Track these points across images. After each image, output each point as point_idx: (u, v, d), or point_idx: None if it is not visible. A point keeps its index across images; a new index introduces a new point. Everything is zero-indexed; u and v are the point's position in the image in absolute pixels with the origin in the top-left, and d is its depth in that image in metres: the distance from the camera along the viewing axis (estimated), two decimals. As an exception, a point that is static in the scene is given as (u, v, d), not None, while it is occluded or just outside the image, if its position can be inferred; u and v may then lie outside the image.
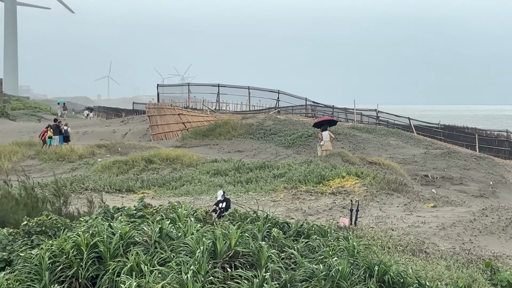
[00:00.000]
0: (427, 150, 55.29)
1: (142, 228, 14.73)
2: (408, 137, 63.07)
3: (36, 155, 49.55)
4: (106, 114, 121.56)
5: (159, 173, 41.24)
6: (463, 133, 79.76)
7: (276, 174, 37.96)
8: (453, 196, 38.02)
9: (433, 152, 53.68)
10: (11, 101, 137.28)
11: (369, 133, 61.09)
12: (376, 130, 64.07)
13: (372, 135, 59.80)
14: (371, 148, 53.95)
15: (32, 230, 16.78)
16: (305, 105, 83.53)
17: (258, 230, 15.26)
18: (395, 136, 62.08)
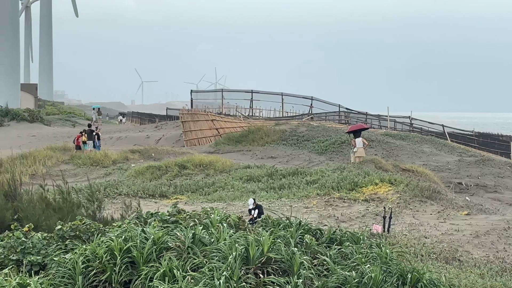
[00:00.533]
0: (461, 157, 55.03)
1: (175, 234, 14.76)
2: (442, 145, 62.79)
3: (71, 160, 49.77)
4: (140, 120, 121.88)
5: (192, 179, 41.27)
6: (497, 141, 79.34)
7: (309, 180, 37.89)
8: (487, 204, 37.79)
9: (467, 160, 53.41)
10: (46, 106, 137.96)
11: (402, 140, 60.87)
12: (409, 137, 63.82)
13: (406, 142, 59.57)
14: (404, 155, 53.75)
15: (66, 235, 16.86)
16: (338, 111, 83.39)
17: (291, 236, 15.26)
18: (429, 143, 61.82)
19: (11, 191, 21.35)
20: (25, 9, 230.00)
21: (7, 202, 20.24)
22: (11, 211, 19.65)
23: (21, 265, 15.41)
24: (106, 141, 60.95)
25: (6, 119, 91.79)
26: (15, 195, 21.15)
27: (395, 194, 34.54)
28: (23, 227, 17.65)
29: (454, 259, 22.75)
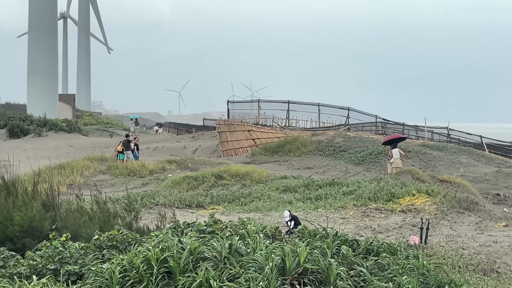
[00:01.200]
0: (499, 168, 54.71)
1: (212, 244, 14.79)
2: (479, 155, 62.50)
3: (108, 170, 50.02)
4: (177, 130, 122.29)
5: (229, 189, 41.34)
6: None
7: (346, 191, 37.83)
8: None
9: (505, 171, 53.08)
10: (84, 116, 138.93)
11: (440, 151, 60.63)
12: (447, 148, 63.58)
13: (443, 153, 59.33)
14: (442, 166, 53.54)
15: (103, 245, 16.94)
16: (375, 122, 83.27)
17: (328, 247, 15.24)
18: (466, 154, 61.54)
19: (49, 201, 21.49)
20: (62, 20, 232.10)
21: (45, 212, 20.37)
22: (49, 220, 19.78)
23: (58, 274, 15.50)
24: (143, 151, 61.17)
25: (45, 129, 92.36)
26: (53, 205, 21.29)
27: (433, 205, 34.41)
28: (61, 236, 17.77)
29: (492, 271, 22.63)
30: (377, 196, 35.73)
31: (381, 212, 33.37)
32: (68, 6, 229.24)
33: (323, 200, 36.47)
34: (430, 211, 33.31)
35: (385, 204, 34.55)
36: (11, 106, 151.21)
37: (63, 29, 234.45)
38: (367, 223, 31.09)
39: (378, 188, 37.19)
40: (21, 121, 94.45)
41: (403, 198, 35.46)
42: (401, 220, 31.64)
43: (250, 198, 38.14)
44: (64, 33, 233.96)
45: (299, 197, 37.80)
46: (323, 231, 17.97)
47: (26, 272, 15.80)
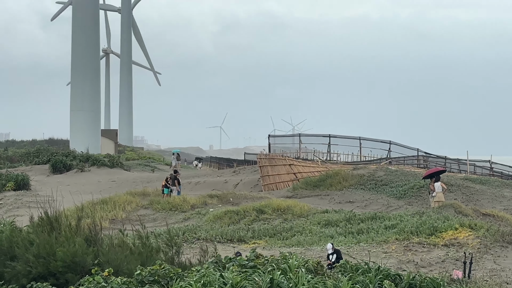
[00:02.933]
0: (543, 202, 54.21)
1: (254, 279, 14.77)
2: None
3: (150, 205, 50.14)
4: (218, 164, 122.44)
5: (270, 224, 41.31)
6: None
7: (388, 225, 37.68)
8: None
9: (549, 205, 52.63)
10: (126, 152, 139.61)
11: (482, 184, 60.25)
12: (489, 182, 63.16)
13: (486, 187, 58.94)
14: (484, 199, 53.17)
15: (145, 279, 16.98)
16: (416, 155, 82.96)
17: (370, 282, 15.18)
18: (510, 187, 61.07)
19: (92, 236, 21.58)
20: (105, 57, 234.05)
21: (88, 247, 20.45)
22: (92, 255, 19.85)
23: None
24: (185, 186, 61.28)
25: (87, 165, 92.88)
26: (95, 239, 21.37)
27: (476, 239, 34.17)
28: (103, 271, 17.83)
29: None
30: (419, 230, 35.55)
31: (424, 246, 33.18)
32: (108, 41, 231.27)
33: (365, 234, 36.35)
34: (473, 245, 33.07)
35: (428, 238, 34.36)
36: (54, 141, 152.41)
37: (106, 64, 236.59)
38: (410, 257, 30.94)
39: (420, 222, 37.00)
40: (64, 157, 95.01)
41: (445, 232, 35.25)
42: (444, 254, 31.44)
43: (292, 233, 38.10)
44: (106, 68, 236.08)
45: (341, 231, 37.70)
46: (365, 265, 17.90)
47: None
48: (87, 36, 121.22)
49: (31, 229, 22.61)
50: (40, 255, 19.86)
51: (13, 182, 68.20)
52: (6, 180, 69.28)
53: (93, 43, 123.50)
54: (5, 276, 19.92)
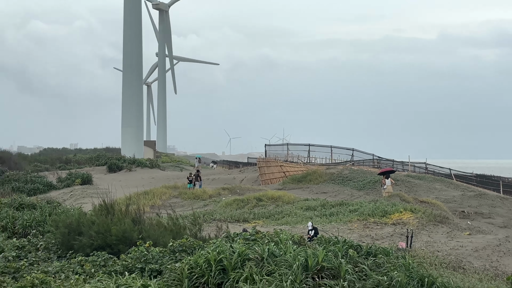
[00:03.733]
0: (464, 192, 54.11)
1: (254, 249, 14.75)
2: (449, 183, 61.85)
3: (179, 195, 50.11)
4: (228, 166, 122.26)
5: (266, 208, 41.28)
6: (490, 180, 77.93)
7: (351, 209, 37.66)
8: (484, 226, 37.14)
9: (468, 194, 52.55)
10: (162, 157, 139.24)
11: (420, 179, 60.15)
12: (425, 178, 63.04)
13: (422, 181, 58.85)
14: (421, 191, 53.11)
15: (176, 249, 16.95)
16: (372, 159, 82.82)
17: (339, 250, 15.15)
18: (439, 182, 60.95)
19: (137, 217, 21.57)
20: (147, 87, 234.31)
21: (134, 225, 20.43)
22: (137, 232, 19.83)
23: (144, 271, 15.50)
24: (204, 182, 61.15)
25: (134, 166, 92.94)
26: (140, 220, 21.35)
27: (415, 219, 34.15)
28: (145, 243, 17.80)
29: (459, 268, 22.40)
30: (374, 213, 35.54)
31: (377, 225, 33.16)
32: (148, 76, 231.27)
33: (335, 216, 36.31)
34: (413, 224, 33.06)
35: (380, 219, 34.34)
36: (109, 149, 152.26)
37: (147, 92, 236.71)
38: (367, 233, 30.92)
39: (375, 207, 37.01)
40: (117, 160, 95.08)
41: (393, 214, 35.22)
42: (392, 230, 31.42)
43: (282, 215, 38.05)
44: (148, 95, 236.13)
45: (317, 214, 37.67)
46: (335, 238, 17.89)
47: (120, 269, 15.83)
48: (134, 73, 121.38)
49: (93, 213, 22.59)
50: (99, 231, 19.84)
51: (80, 179, 68.37)
52: (75, 177, 69.44)
53: (138, 78, 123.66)
54: (74, 247, 19.89)
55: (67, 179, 68.86)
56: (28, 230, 26.14)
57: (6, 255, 20.00)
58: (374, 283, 13.23)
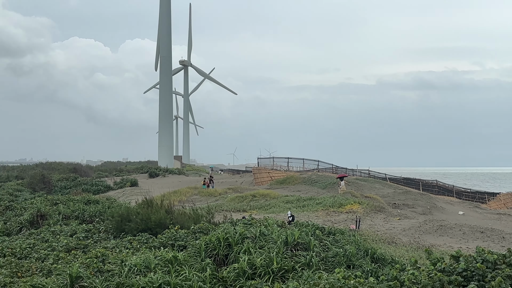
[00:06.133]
0: (395, 190, 54.10)
1: (250, 230, 14.72)
2: (385, 184, 61.88)
3: (198, 193, 50.00)
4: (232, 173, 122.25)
5: (258, 202, 41.19)
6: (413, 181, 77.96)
7: (317, 202, 37.60)
8: (409, 214, 37.09)
9: (398, 191, 52.53)
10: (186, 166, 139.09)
11: (364, 181, 60.13)
12: (368, 180, 63.03)
13: (366, 183, 58.84)
14: (366, 189, 53.08)
15: (196, 231, 16.92)
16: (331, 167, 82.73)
17: (309, 231, 15.13)
18: (378, 183, 60.94)
19: (169, 209, 21.52)
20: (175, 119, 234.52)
21: (167, 214, 20.39)
22: (169, 219, 19.80)
23: (174, 246, 15.45)
24: (215, 184, 61.02)
25: (167, 173, 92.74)
26: (170, 211, 21.30)
27: (362, 209, 34.11)
28: (175, 227, 17.76)
29: (393, 242, 22.35)
30: (333, 204, 35.50)
31: (336, 213, 33.11)
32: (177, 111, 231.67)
33: (306, 207, 36.25)
34: (360, 212, 33.03)
35: (338, 209, 34.29)
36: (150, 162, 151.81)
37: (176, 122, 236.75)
38: (329, 218, 30.86)
39: (334, 201, 36.96)
40: (155, 169, 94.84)
41: (346, 206, 35.18)
42: (346, 217, 31.37)
43: (269, 206, 37.97)
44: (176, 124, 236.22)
45: (294, 205, 37.59)
46: (307, 223, 17.87)
47: (157, 245, 15.78)
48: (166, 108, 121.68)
49: (138, 206, 22.53)
50: (142, 219, 19.80)
51: (129, 182, 68.13)
52: (126, 181, 69.22)
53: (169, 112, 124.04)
54: (125, 230, 19.84)
55: (120, 183, 68.65)
56: (93, 218, 26.07)
57: (78, 235, 19.96)
58: (334, 253, 13.21)
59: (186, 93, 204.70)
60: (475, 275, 8.56)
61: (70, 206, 29.17)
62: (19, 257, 16.39)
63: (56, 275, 12.24)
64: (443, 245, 23.01)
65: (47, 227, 23.27)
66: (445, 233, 26.58)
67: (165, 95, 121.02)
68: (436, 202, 48.33)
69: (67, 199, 33.20)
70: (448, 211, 43.78)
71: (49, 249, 17.22)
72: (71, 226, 22.71)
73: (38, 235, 21.23)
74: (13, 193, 53.83)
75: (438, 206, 45.04)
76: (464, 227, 28.13)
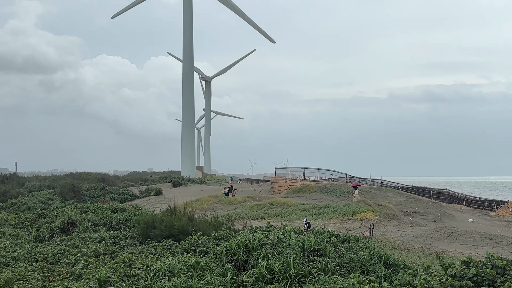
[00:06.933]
0: (407, 199, 53.58)
1: (269, 237, 14.68)
2: (397, 193, 61.28)
3: (219, 202, 50.05)
4: (251, 182, 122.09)
5: (276, 210, 41.06)
6: (424, 190, 77.03)
7: (332, 210, 37.38)
8: (420, 221, 36.69)
9: (410, 200, 52.02)
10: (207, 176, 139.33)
11: (377, 190, 59.65)
12: (381, 189, 62.52)
13: (379, 191, 58.37)
14: (379, 197, 52.65)
15: (217, 237, 16.91)
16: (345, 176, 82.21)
17: (324, 237, 15.05)
18: (391, 192, 60.40)
19: (191, 216, 21.55)
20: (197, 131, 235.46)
21: (189, 222, 20.42)
22: (191, 226, 19.81)
23: (196, 252, 15.45)
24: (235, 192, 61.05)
25: (189, 183, 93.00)
26: (193, 218, 21.33)
27: (375, 217, 33.85)
28: (197, 234, 17.77)
29: (405, 249, 22.13)
30: (347, 212, 35.28)
31: (350, 220, 32.89)
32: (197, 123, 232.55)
33: (322, 215, 36.05)
34: (374, 219, 32.77)
35: (352, 216, 34.07)
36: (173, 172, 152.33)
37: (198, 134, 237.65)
38: (343, 226, 30.65)
39: (348, 209, 36.72)
40: (178, 179, 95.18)
41: (360, 213, 34.95)
42: (359, 224, 31.15)
43: (286, 214, 37.84)
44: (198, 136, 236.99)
45: (310, 213, 37.40)
46: (322, 230, 17.77)
47: (181, 251, 15.81)
48: (188, 120, 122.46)
49: (162, 214, 22.61)
50: (167, 226, 19.85)
51: (154, 191, 68.39)
52: (151, 190, 69.51)
53: (191, 124, 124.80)
54: (150, 236, 19.91)
55: (146, 192, 68.97)
56: (120, 226, 26.21)
57: (106, 242, 20.09)
58: (349, 259, 13.11)
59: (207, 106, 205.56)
60: (485, 280, 8.46)
61: (99, 214, 29.39)
62: (51, 262, 16.55)
63: (86, 279, 12.37)
64: (454, 251, 22.70)
65: (77, 234, 23.46)
66: (455, 240, 26.23)
67: (187, 108, 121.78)
68: (446, 210, 47.76)
69: (95, 207, 33.46)
70: (458, 218, 43.22)
71: (79, 254, 17.36)
72: (100, 233, 22.87)
73: (68, 241, 21.42)
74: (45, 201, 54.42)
75: (448, 214, 44.49)
76: (474, 234, 27.74)
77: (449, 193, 76.48)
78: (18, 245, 21.57)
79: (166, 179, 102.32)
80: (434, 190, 77.88)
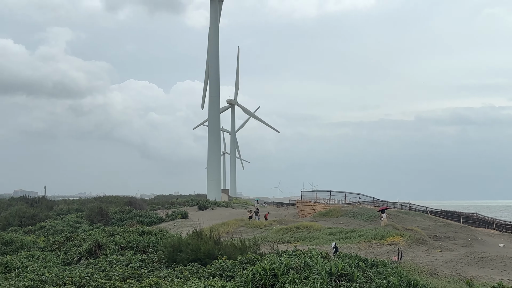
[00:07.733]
0: (436, 223, 52.52)
1: (295, 261, 14.53)
2: (426, 217, 60.18)
3: (245, 225, 49.88)
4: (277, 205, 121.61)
5: (302, 234, 40.70)
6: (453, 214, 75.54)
7: (360, 234, 36.89)
8: (450, 246, 35.89)
9: (439, 224, 51.00)
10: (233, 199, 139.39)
11: (406, 214, 58.71)
12: (409, 213, 61.53)
13: (407, 215, 57.43)
14: (407, 221, 51.77)
15: (243, 261, 16.81)
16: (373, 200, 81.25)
17: (352, 262, 14.82)
18: (419, 216, 59.36)
19: (217, 240, 21.49)
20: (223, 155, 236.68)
21: (215, 245, 20.35)
22: (217, 250, 19.74)
23: (222, 276, 15.37)
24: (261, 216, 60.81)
25: (215, 206, 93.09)
26: (219, 242, 21.26)
27: (403, 241, 33.27)
28: (223, 257, 17.69)
29: (435, 274, 21.64)
30: (375, 236, 34.77)
31: (378, 245, 32.39)
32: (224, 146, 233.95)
33: (349, 239, 35.60)
34: (402, 244, 32.20)
35: (380, 241, 33.56)
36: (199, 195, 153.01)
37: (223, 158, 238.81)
38: (371, 250, 30.20)
39: (376, 233, 36.21)
40: (204, 202, 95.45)
41: (388, 238, 34.40)
42: (388, 249, 30.63)
43: (313, 238, 37.47)
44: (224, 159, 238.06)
45: (337, 237, 36.96)
46: (350, 254, 17.51)
47: (207, 275, 15.74)
48: (215, 144, 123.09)
49: (188, 237, 22.61)
50: (193, 249, 19.82)
51: (180, 215, 68.67)
52: (177, 213, 69.81)
53: (217, 148, 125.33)
54: (177, 259, 19.88)
55: (172, 215, 69.25)
56: (147, 249, 26.27)
57: (133, 265, 20.13)
58: (377, 285, 12.86)
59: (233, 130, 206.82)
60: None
61: (126, 237, 29.55)
62: (78, 286, 16.64)
63: (113, 303, 12.36)
64: (485, 276, 22.10)
65: (104, 257, 23.59)
66: (486, 265, 25.54)
67: (213, 132, 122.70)
68: (476, 234, 46.65)
69: (122, 230, 33.67)
70: (489, 243, 42.14)
71: (106, 278, 17.42)
72: (127, 256, 22.95)
73: (96, 265, 21.54)
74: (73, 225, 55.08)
75: (478, 239, 43.44)
76: (505, 259, 26.99)
77: (479, 217, 74.78)
78: (47, 268, 21.78)
79: (192, 202, 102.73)
80: (464, 214, 76.28)
